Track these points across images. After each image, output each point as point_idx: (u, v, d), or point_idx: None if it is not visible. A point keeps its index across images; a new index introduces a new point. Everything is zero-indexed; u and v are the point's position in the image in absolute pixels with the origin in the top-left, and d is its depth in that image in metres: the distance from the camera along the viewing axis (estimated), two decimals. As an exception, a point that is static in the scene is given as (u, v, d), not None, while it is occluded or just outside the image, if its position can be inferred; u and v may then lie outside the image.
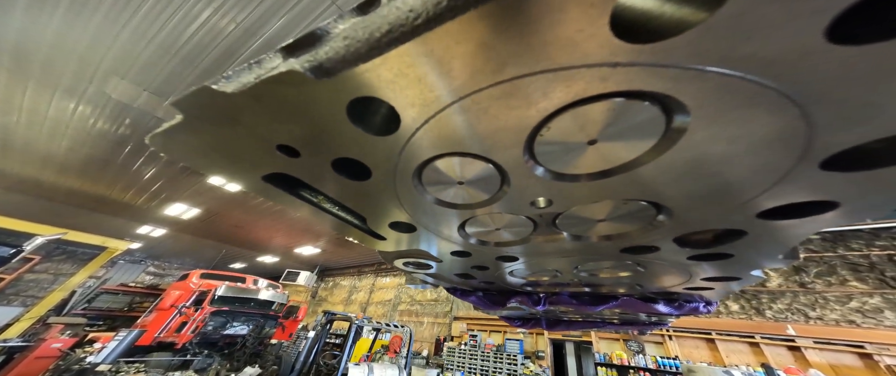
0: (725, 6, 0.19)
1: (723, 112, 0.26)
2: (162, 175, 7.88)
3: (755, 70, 0.22)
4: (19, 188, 9.10)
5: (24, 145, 6.74)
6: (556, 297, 1.06)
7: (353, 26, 0.28)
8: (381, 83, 0.30)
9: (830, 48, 0.20)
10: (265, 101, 0.32)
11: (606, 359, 6.62)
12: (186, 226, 11.46)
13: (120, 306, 11.20)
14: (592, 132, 0.30)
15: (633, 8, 0.21)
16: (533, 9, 0.21)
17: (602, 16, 0.20)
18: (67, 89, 5.06)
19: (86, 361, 5.31)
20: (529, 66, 0.25)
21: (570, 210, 0.44)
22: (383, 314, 12.32)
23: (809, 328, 5.65)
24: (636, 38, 0.22)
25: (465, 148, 0.35)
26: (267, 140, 0.37)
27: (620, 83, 0.25)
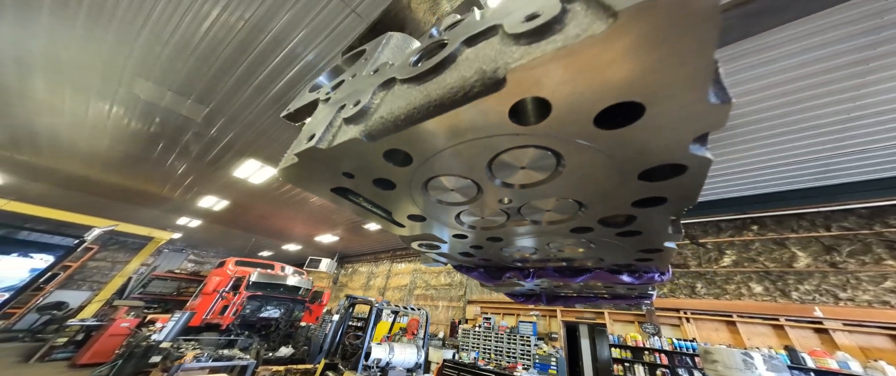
0: (545, 122, 0.40)
1: (573, 155, 0.48)
2: (192, 170, 8.44)
3: (574, 140, 0.45)
4: (71, 185, 10.03)
5: (69, 145, 7.40)
6: (543, 271, 1.26)
7: (384, 111, 0.49)
8: (400, 142, 0.50)
9: (596, 131, 0.41)
10: (338, 150, 0.53)
11: (621, 341, 6.64)
12: (218, 216, 12.28)
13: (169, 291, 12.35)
14: (522, 162, 0.52)
15: (524, 105, 0.41)
16: (475, 112, 0.41)
17: (505, 108, 0.40)
18: (100, 92, 5.49)
19: (151, 339, 6.01)
20: (481, 133, 0.46)
21: (526, 204, 0.66)
22: (400, 298, 12.82)
23: (839, 310, 5.41)
24: (522, 121, 0.42)
25: (451, 171, 0.58)
26: (336, 169, 0.60)
27: (527, 141, 0.46)
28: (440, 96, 0.42)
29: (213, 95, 5.51)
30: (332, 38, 4.22)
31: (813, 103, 4.14)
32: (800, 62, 3.69)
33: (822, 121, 4.38)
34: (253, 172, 8.16)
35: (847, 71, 3.69)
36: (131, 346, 6.06)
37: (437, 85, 0.44)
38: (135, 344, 6.05)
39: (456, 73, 0.43)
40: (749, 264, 6.59)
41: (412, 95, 0.46)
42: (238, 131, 6.57)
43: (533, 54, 0.34)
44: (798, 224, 6.41)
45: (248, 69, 4.87)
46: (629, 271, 1.13)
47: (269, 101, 5.56)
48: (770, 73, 3.88)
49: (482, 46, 0.44)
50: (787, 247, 6.37)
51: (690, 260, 7.28)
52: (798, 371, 4.80)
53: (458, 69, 0.44)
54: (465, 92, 0.40)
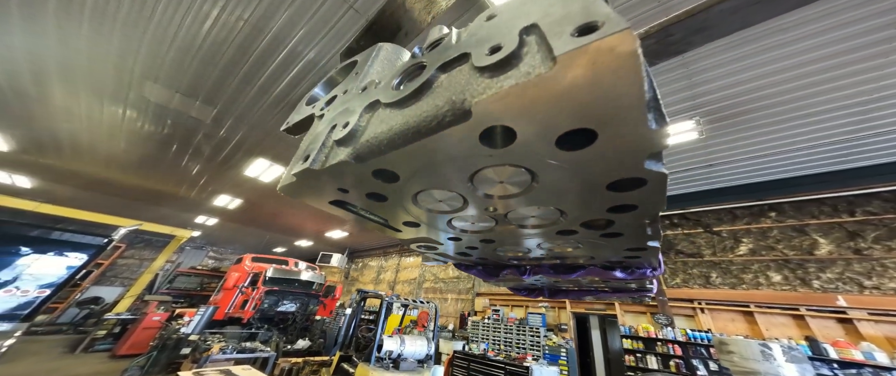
0: (512, 146, 0.45)
1: (544, 171, 0.52)
2: (206, 170, 8.72)
3: (544, 159, 0.48)
4: (95, 187, 10.53)
5: (90, 148, 7.74)
6: (538, 268, 1.32)
7: (370, 135, 0.53)
8: (386, 163, 0.55)
9: (556, 151, 0.45)
10: (331, 170, 0.57)
11: (632, 332, 6.61)
12: (232, 215, 12.71)
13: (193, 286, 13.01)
14: (501, 177, 0.55)
15: (494, 131, 0.44)
16: (450, 138, 0.45)
17: (475, 134, 0.44)
18: (112, 96, 5.68)
19: (180, 332, 6.39)
20: (457, 155, 0.50)
21: (511, 211, 0.70)
22: (410, 292, 13.08)
23: (863, 298, 5.20)
24: (492, 145, 0.46)
25: (436, 185, 0.61)
26: (332, 186, 0.64)
27: (502, 160, 0.50)
28: (417, 123, 0.46)
29: (219, 96, 5.61)
30: (331, 35, 4.19)
31: (834, 84, 3.96)
32: (820, 43, 3.50)
33: (844, 102, 4.17)
34: (263, 171, 8.35)
35: (871, 50, 3.49)
36: (164, 339, 6.46)
37: (415, 112, 0.47)
38: (167, 337, 6.44)
39: (431, 100, 0.46)
40: (767, 252, 6.38)
41: (393, 120, 0.50)
42: (246, 131, 6.71)
43: (492, 89, 0.38)
44: (819, 209, 6.13)
45: (251, 69, 4.91)
46: (621, 267, 1.18)
47: (274, 101, 5.63)
48: (789, 54, 3.69)
49: (455, 74, 0.47)
50: (807, 234, 6.12)
51: (704, 249, 7.10)
52: (820, 362, 4.68)
53: (432, 96, 0.47)
54: (439, 120, 0.43)
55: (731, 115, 4.72)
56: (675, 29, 1.07)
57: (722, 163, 5.93)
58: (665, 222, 7.78)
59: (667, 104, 4.69)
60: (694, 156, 5.84)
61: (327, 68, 4.72)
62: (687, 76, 4.23)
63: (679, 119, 4.89)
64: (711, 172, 6.26)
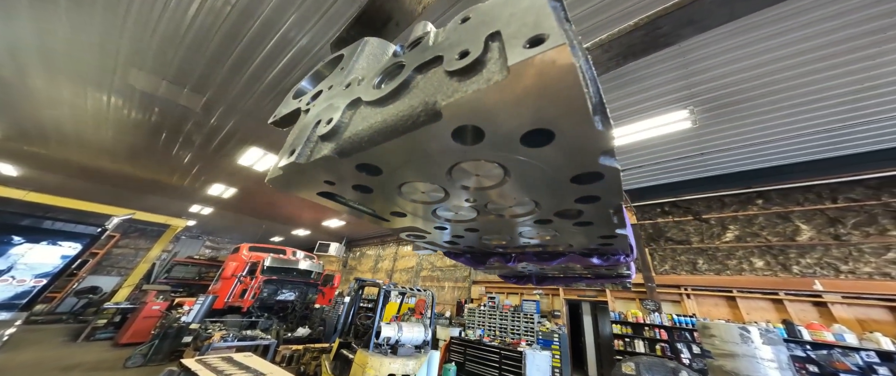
0: (482, 144, 0.48)
1: (514, 166, 0.55)
2: (198, 159, 8.58)
3: (512, 155, 0.52)
4: (85, 175, 10.33)
5: (76, 136, 7.55)
6: (522, 256, 1.39)
7: (351, 131, 0.55)
8: (368, 158, 0.57)
9: (522, 148, 0.49)
10: (318, 164, 0.60)
11: (622, 317, 6.88)
12: (228, 204, 12.62)
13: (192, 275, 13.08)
14: (476, 171, 0.59)
15: (464, 129, 0.47)
16: (424, 135, 0.48)
17: (447, 133, 0.47)
18: (96, 82, 5.50)
19: (181, 320, 6.49)
20: (433, 151, 0.54)
21: (490, 202, 0.74)
22: (407, 280, 13.33)
23: (839, 282, 5.47)
24: (464, 142, 0.49)
25: (417, 178, 0.65)
26: (318, 178, 0.67)
27: (475, 155, 0.53)
28: (394, 122, 0.49)
29: (208, 84, 5.46)
30: (324, 20, 4.06)
31: (826, 73, 4.00)
32: (815, 32, 3.51)
33: (835, 92, 4.23)
34: (257, 160, 8.25)
35: (864, 40, 3.51)
36: (165, 327, 6.56)
37: (393, 111, 0.50)
38: (168, 326, 6.54)
39: (407, 101, 0.49)
40: (752, 239, 6.60)
41: (373, 118, 0.53)
42: (238, 120, 6.57)
43: (459, 93, 0.41)
44: (804, 197, 6.32)
45: (241, 57, 4.77)
46: (598, 254, 1.26)
47: (266, 89, 5.50)
48: (784, 44, 3.70)
49: (430, 75, 0.50)
50: (791, 221, 6.33)
51: (693, 236, 7.31)
52: (794, 344, 4.96)
53: (409, 97, 0.50)
54: (413, 120, 0.47)
55: (725, 104, 4.76)
56: (663, 21, 1.08)
57: (714, 152, 6.02)
58: (656, 210, 7.96)
59: (662, 93, 4.70)
60: (687, 144, 5.92)
61: (321, 55, 4.60)
62: (683, 65, 4.22)
63: (674, 108, 4.91)
64: (703, 160, 6.36)
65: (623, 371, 3.81)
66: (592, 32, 3.73)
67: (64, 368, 5.72)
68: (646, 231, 7.94)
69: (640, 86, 4.64)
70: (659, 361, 3.86)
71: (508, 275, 2.10)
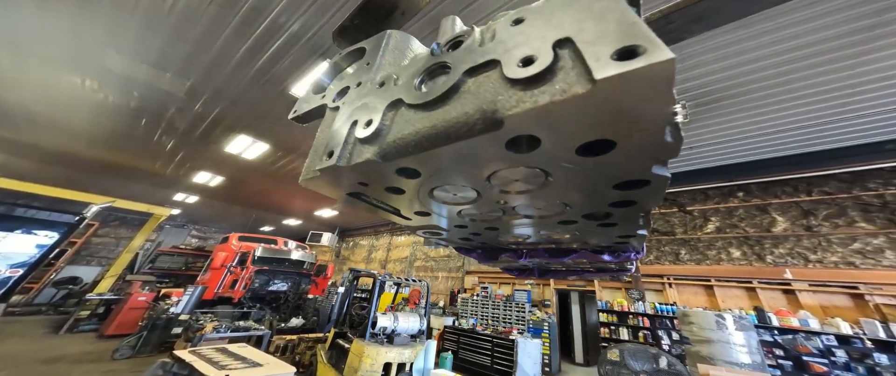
0: (535, 152, 0.48)
1: (559, 172, 0.55)
2: (181, 146, 8.25)
3: (560, 163, 0.52)
4: (61, 161, 9.80)
5: (48, 120, 7.12)
6: (534, 252, 1.42)
7: (396, 135, 0.54)
8: (410, 162, 0.57)
9: (578, 158, 0.48)
10: (356, 168, 0.59)
11: (608, 306, 7.19)
12: (215, 193, 12.27)
13: (178, 266, 12.76)
14: (517, 176, 0.59)
15: (519, 138, 0.46)
16: (477, 142, 0.47)
17: (503, 141, 0.46)
18: (68, 64, 5.16)
19: (169, 311, 6.37)
20: (481, 158, 0.53)
21: (519, 205, 0.75)
22: (401, 270, 13.44)
23: (807, 271, 5.86)
24: (516, 149, 0.48)
25: (455, 182, 0.65)
26: (353, 180, 0.66)
27: (521, 163, 0.53)
28: (446, 129, 0.47)
29: (193, 69, 5.20)
30: (316, 6, 3.89)
31: (813, 71, 4.13)
32: (806, 30, 3.60)
33: (821, 88, 4.38)
34: (245, 148, 8.00)
35: (851, 38, 3.62)
36: (153, 318, 6.45)
37: (443, 116, 0.49)
38: (156, 317, 6.43)
39: (459, 106, 0.48)
40: (731, 230, 6.94)
41: (420, 122, 0.51)
42: (225, 106, 6.32)
43: (527, 103, 0.39)
44: (782, 190, 6.65)
45: (228, 42, 4.54)
46: (609, 251, 1.28)
47: (255, 75, 5.28)
48: (777, 40, 3.79)
49: (482, 80, 0.48)
50: (768, 213, 6.67)
51: (677, 227, 7.62)
52: (764, 329, 5.33)
53: (460, 102, 0.48)
54: (469, 127, 0.45)
55: (715, 100, 4.87)
56: (675, 17, 1.08)
57: (701, 146, 6.21)
58: (644, 204, 8.23)
59: (655, 89, 4.76)
60: (676, 140, 6.07)
61: (314, 42, 4.42)
62: (679, 61, 4.28)
63: (666, 105, 4.99)
64: (691, 154, 6.56)
65: (608, 357, 4.03)
66: None
67: (47, 360, 5.58)
68: (633, 223, 8.23)
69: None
70: (642, 348, 4.09)
71: (511, 267, 2.14)
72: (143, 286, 8.42)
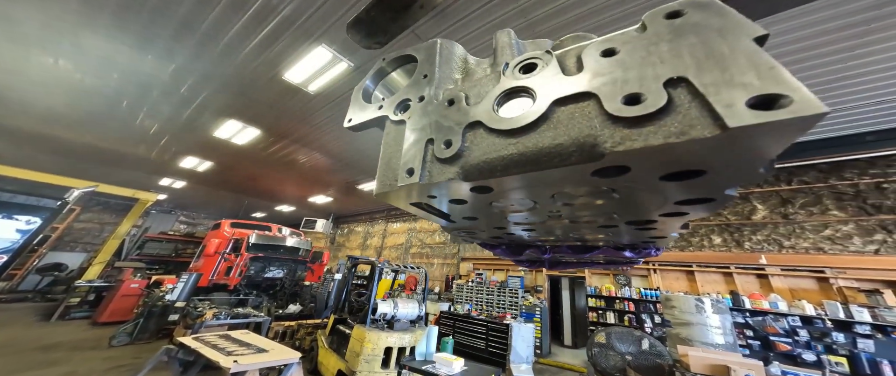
0: (620, 177, 0.47)
1: (628, 191, 0.56)
2: (166, 130, 7.93)
3: (636, 186, 0.52)
4: (38, 145, 9.30)
5: (20, 102, 6.70)
6: (558, 249, 1.45)
7: (478, 158, 0.54)
8: (486, 182, 0.56)
9: (660, 183, 0.48)
10: (435, 186, 0.60)
11: (596, 292, 7.52)
12: (203, 178, 11.94)
13: (167, 252, 12.57)
14: (582, 192, 0.60)
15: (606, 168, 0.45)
16: (566, 170, 0.47)
17: (591, 169, 0.45)
18: (40, 43, 4.82)
19: (165, 298, 6.36)
20: (562, 183, 0.55)
21: (569, 213, 0.76)
22: (397, 257, 13.61)
23: (780, 256, 6.27)
24: (601, 174, 0.47)
25: (522, 197, 0.65)
26: (426, 194, 0.66)
27: (604, 184, 0.53)
28: (535, 156, 0.47)
29: (177, 52, 4.92)
30: (310, -12, 3.69)
31: (807, 64, 4.21)
32: (805, 22, 3.64)
33: (812, 81, 4.50)
34: (235, 133, 7.76)
35: (847, 32, 3.69)
36: (148, 306, 6.44)
37: (532, 143, 0.48)
38: (151, 304, 6.42)
39: (550, 136, 0.47)
40: (714, 217, 7.27)
41: (505, 148, 0.51)
42: (212, 91, 6.05)
43: (636, 143, 0.37)
44: (765, 179, 6.96)
45: (215, 24, 4.29)
46: (632, 248, 1.30)
47: (244, 60, 5.05)
48: (777, 33, 3.81)
49: (575, 112, 0.47)
50: (750, 201, 7.01)
51: (665, 217, 7.93)
52: (738, 312, 5.74)
53: (551, 131, 0.47)
54: (562, 158, 0.45)
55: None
56: None
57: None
58: (634, 193, 8.49)
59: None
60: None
61: (307, 26, 4.23)
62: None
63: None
64: (680, 146, 6.72)
65: (596, 340, 4.30)
66: (602, 28, 3.70)
67: (43, 348, 5.57)
68: (622, 211, 8.51)
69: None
70: (627, 331, 4.37)
71: (522, 260, 2.15)
72: (135, 273, 8.33)
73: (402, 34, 4.15)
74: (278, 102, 6.25)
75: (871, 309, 4.98)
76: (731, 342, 4.48)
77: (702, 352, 3.54)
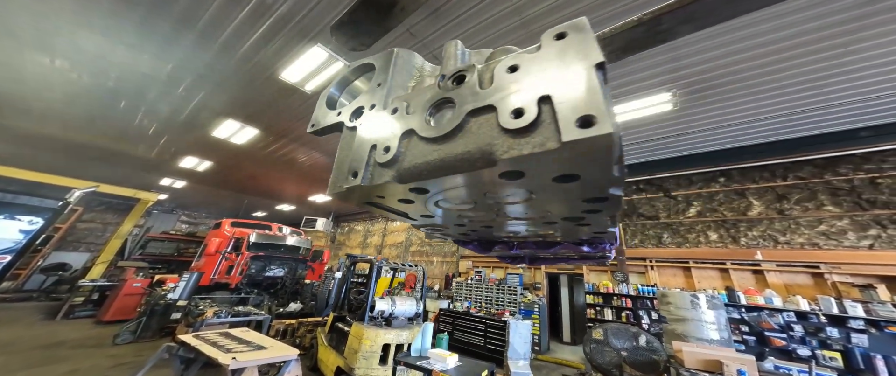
0: (521, 180, 0.58)
1: (540, 192, 0.66)
2: (165, 130, 7.96)
3: (539, 186, 0.63)
4: (37, 144, 9.33)
5: (21, 101, 6.71)
6: (524, 244, 1.62)
7: (409, 163, 0.62)
8: (420, 184, 0.65)
9: (553, 184, 0.58)
10: (376, 187, 0.68)
11: (594, 289, 7.57)
12: (203, 178, 11.99)
13: (169, 251, 12.66)
14: (506, 192, 0.70)
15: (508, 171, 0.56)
16: (477, 173, 0.57)
17: (497, 173, 0.56)
18: (35, 42, 4.84)
19: (167, 297, 6.44)
20: (478, 184, 0.65)
21: (509, 211, 0.88)
22: (397, 255, 13.68)
23: (775, 252, 6.29)
24: (506, 178, 0.58)
25: (456, 196, 0.75)
26: (373, 194, 0.76)
27: (511, 186, 0.65)
28: (452, 162, 0.57)
29: (173, 51, 4.94)
30: (305, -13, 3.70)
31: (800, 60, 4.23)
32: (796, 20, 3.65)
33: (805, 77, 4.52)
34: (234, 133, 7.79)
35: (840, 28, 3.70)
36: (151, 304, 6.53)
37: (450, 151, 0.57)
38: (154, 303, 6.51)
39: (463, 144, 0.56)
40: (710, 214, 7.30)
41: (430, 154, 0.60)
42: (209, 90, 6.07)
43: (514, 152, 0.48)
44: (760, 175, 6.97)
45: (211, 22, 4.31)
46: (588, 244, 1.50)
47: (242, 58, 5.06)
48: (767, 30, 3.86)
49: (482, 122, 0.56)
50: (745, 197, 7.03)
51: (661, 212, 7.96)
52: (733, 307, 5.78)
53: (465, 140, 0.57)
54: (470, 163, 0.54)
55: (706, 88, 4.97)
56: (665, 18, 1.14)
57: (691, 133, 6.38)
58: (632, 187, 8.50)
59: (648, 76, 4.82)
60: (666, 126, 6.21)
61: (302, 25, 4.24)
62: (673, 49, 4.31)
63: (658, 91, 5.08)
64: (680, 141, 6.74)
65: (593, 336, 4.35)
66: (595, 25, 3.72)
67: (48, 346, 5.67)
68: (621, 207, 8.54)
69: (627, 68, 4.72)
70: (623, 327, 4.42)
71: (504, 256, 2.33)
72: (137, 272, 8.41)
73: (399, 33, 4.17)
74: (276, 102, 6.27)
75: (865, 303, 5.02)
76: (725, 337, 4.53)
77: (696, 348, 3.59)
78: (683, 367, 3.37)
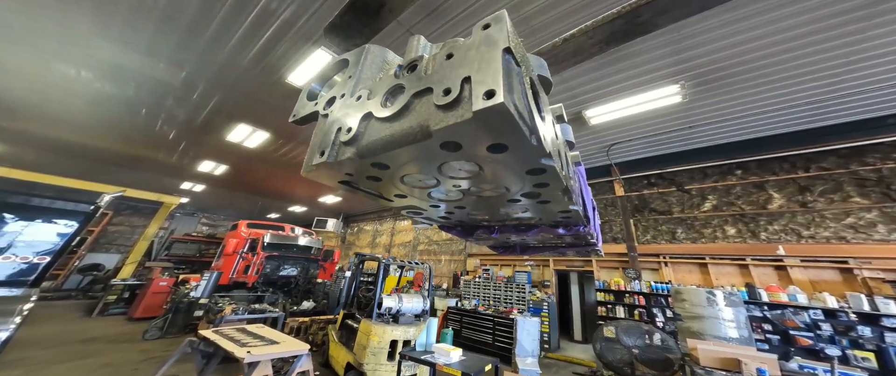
0: (459, 151, 0.66)
1: (486, 164, 0.74)
2: (183, 136, 8.35)
3: (483, 158, 0.71)
4: (66, 151, 9.95)
5: (39, 109, 7.12)
6: (504, 228, 1.64)
7: (367, 140, 0.71)
8: (380, 158, 0.73)
9: (488, 154, 0.67)
10: (343, 163, 0.76)
11: (605, 286, 7.38)
12: (220, 181, 12.50)
13: (192, 252, 13.30)
14: (459, 167, 0.77)
15: (447, 142, 0.65)
16: (422, 146, 0.64)
17: (437, 144, 0.65)
18: (58, 54, 5.17)
19: (190, 296, 6.79)
20: (427, 156, 0.71)
21: (470, 187, 0.94)
22: (405, 254, 13.81)
23: (799, 247, 5.97)
24: (449, 150, 0.67)
25: (415, 172, 0.82)
26: (342, 172, 0.84)
27: (457, 158, 0.73)
28: (400, 137, 0.65)
29: (186, 57, 5.17)
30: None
31: (814, 48, 4.08)
32: (806, 7, 3.50)
33: (819, 67, 4.33)
34: (246, 136, 8.08)
35: (853, 14, 3.53)
36: (175, 302, 6.89)
37: (398, 127, 0.66)
38: (178, 301, 6.87)
39: (407, 121, 0.65)
40: (727, 208, 6.98)
41: (383, 131, 0.68)
42: (222, 95, 6.33)
43: (444, 122, 0.56)
44: (780, 167, 6.62)
45: (219, 30, 4.49)
46: (563, 225, 1.54)
47: (250, 63, 5.25)
48: (776, 19, 3.74)
49: (423, 102, 0.64)
50: (765, 190, 6.69)
51: (674, 206, 7.69)
52: (754, 305, 5.52)
53: (409, 118, 0.65)
54: (413, 136, 0.62)
55: (715, 79, 4.79)
56: (643, 10, 1.18)
57: (701, 125, 6.16)
58: (643, 182, 8.26)
59: (655, 68, 4.70)
60: (676, 118, 6.01)
61: (307, 29, 4.36)
62: (677, 41, 4.18)
63: (665, 83, 4.93)
64: (691, 133, 6.51)
65: (604, 334, 4.28)
66: (579, 20, 3.67)
67: (85, 340, 6.09)
68: (632, 202, 8.29)
69: (633, 61, 4.60)
70: (635, 325, 4.32)
71: (497, 245, 2.34)
72: (163, 272, 8.88)
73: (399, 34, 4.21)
74: (284, 105, 6.47)
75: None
76: (746, 336, 4.34)
77: (712, 346, 3.46)
78: (698, 365, 3.27)
